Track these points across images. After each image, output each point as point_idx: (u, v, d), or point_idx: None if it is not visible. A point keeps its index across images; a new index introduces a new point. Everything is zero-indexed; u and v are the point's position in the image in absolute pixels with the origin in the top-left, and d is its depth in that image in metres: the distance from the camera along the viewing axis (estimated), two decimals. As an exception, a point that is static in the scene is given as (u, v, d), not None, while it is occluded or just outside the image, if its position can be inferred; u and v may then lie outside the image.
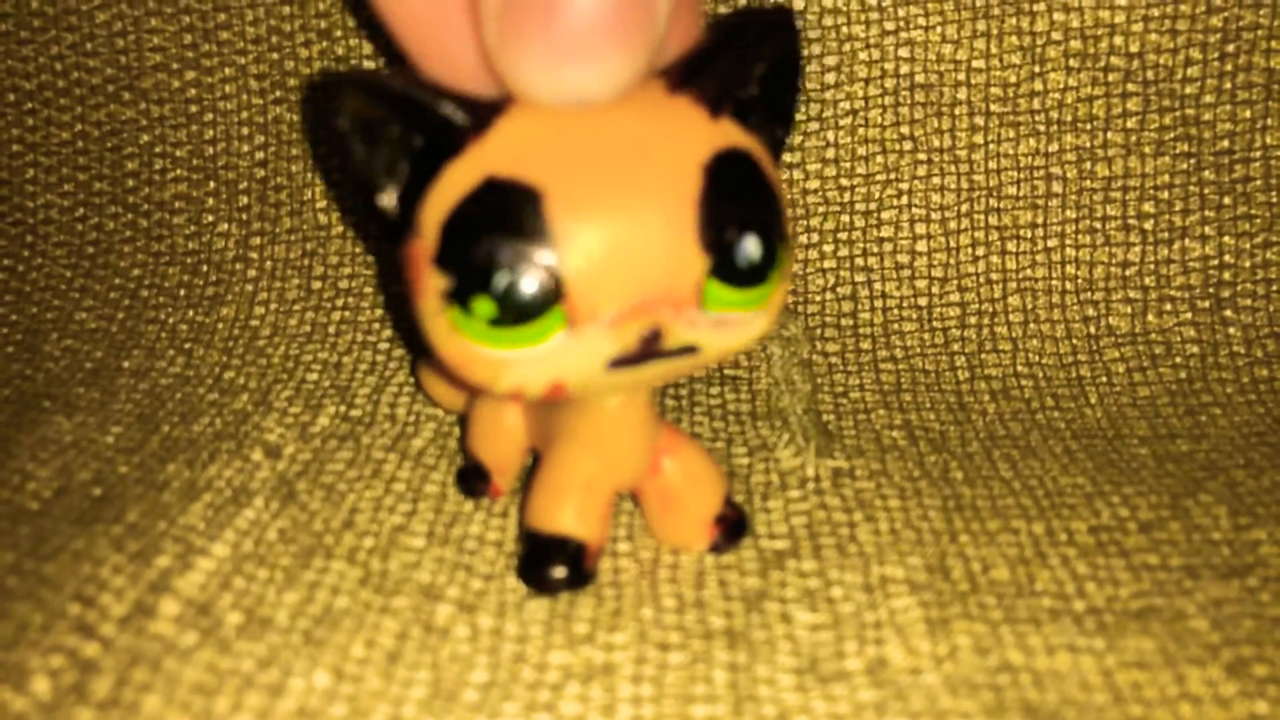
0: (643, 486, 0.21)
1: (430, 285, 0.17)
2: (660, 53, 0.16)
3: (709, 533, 0.21)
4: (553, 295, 0.16)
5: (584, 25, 0.15)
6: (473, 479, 0.23)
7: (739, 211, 0.17)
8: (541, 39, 0.15)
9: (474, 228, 0.16)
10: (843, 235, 0.29)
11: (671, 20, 0.16)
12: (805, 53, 0.17)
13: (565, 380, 0.17)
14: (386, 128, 0.17)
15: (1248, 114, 0.28)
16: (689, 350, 0.17)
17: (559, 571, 0.20)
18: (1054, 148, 0.29)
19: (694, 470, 0.21)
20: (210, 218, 0.30)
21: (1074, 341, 0.28)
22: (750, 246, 0.17)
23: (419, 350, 0.25)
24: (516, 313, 0.16)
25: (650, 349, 0.17)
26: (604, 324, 0.16)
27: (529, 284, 0.16)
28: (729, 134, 0.17)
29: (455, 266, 0.16)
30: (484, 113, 0.16)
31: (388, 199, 0.17)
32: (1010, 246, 0.29)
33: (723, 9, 0.28)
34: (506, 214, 0.16)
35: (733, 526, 0.21)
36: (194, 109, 0.30)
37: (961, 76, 0.29)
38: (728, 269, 0.17)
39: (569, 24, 0.15)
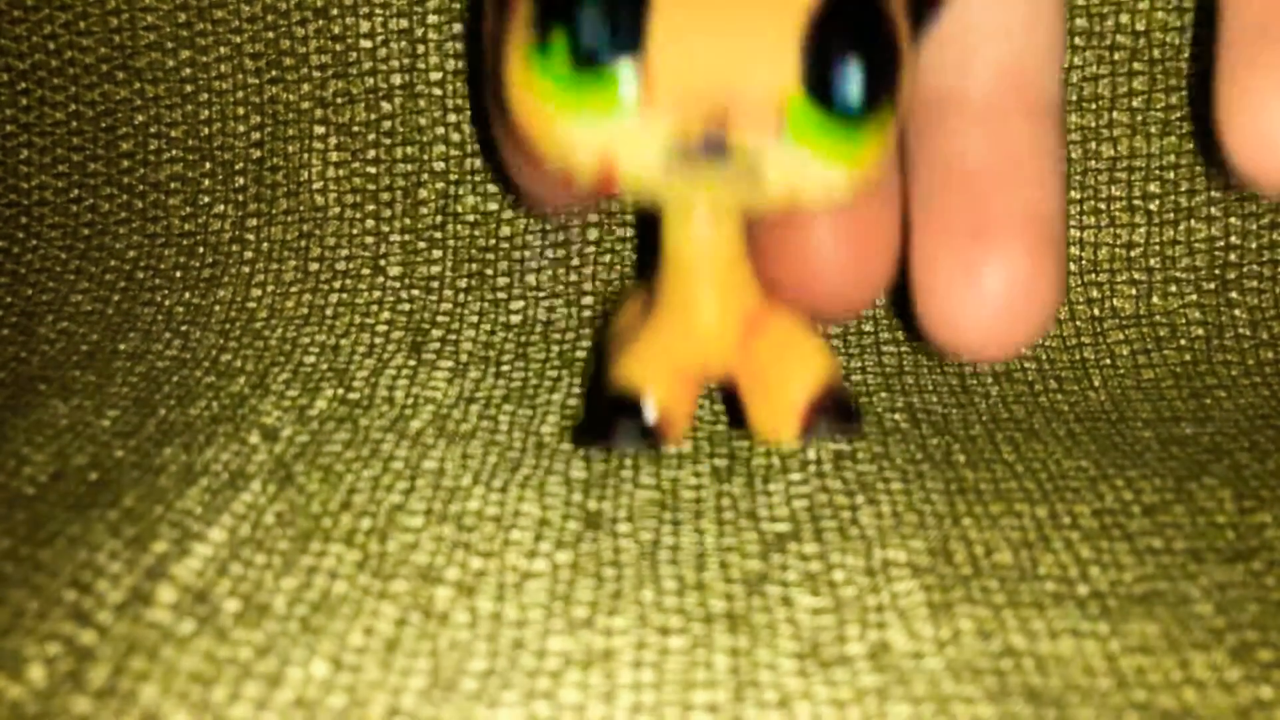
0: (736, 367, 0.20)
1: (520, 17, 0.16)
2: None
3: (801, 418, 0.19)
4: (631, 44, 0.15)
5: None
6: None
7: (854, 32, 0.16)
8: None
9: None
10: (845, 216, 0.29)
11: None
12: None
13: (618, 159, 0.16)
14: None
15: (1255, 92, 0.28)
16: (750, 175, 0.16)
17: (619, 425, 0.19)
18: (1059, 127, 0.28)
19: (785, 345, 0.19)
20: (206, 199, 0.30)
21: (1077, 323, 0.28)
22: (852, 76, 0.16)
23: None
24: (590, 54, 0.15)
25: (712, 147, 0.16)
26: (674, 104, 0.16)
27: (610, 25, 0.15)
28: None
29: None
30: None
31: None
32: (1014, 227, 0.29)
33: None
34: None
35: (831, 415, 0.19)
36: (189, 89, 0.30)
37: None
38: (823, 91, 0.16)
39: None
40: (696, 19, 0.15)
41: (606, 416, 0.19)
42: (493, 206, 0.29)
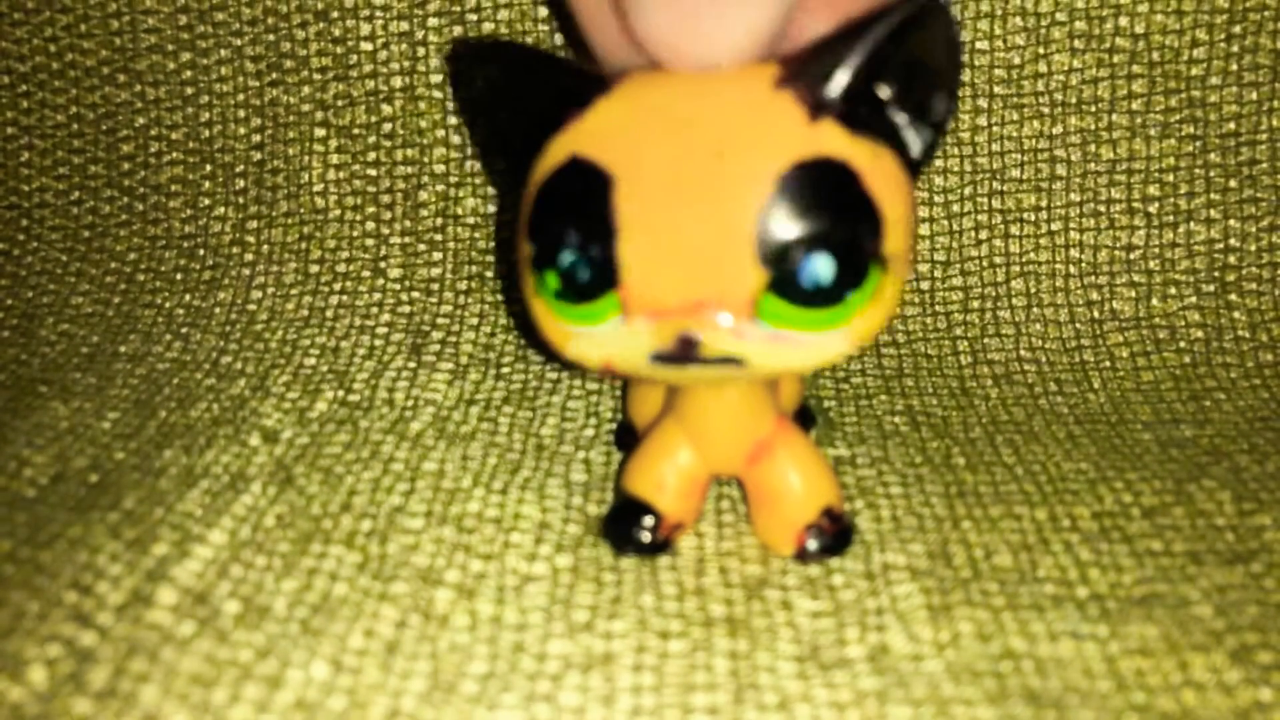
0: (744, 476, 0.21)
1: (522, 247, 0.18)
2: (785, 30, 0.16)
3: (796, 539, 0.20)
4: (609, 281, 0.16)
5: None
6: (624, 435, 0.24)
7: (811, 228, 0.16)
8: None
9: (553, 202, 0.17)
10: (844, 218, 0.29)
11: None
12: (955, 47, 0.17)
13: (614, 363, 0.17)
14: (513, 93, 0.18)
15: (1254, 96, 0.28)
16: (730, 361, 0.17)
17: (627, 533, 0.20)
18: (1058, 130, 0.28)
19: (794, 470, 0.20)
20: (206, 201, 0.30)
21: (1077, 326, 0.28)
22: (818, 266, 0.16)
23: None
24: (576, 291, 0.17)
25: (686, 352, 0.17)
26: (650, 319, 0.17)
27: (586, 267, 0.16)
28: (826, 140, 0.16)
29: (535, 236, 0.17)
30: (589, 89, 0.17)
31: (499, 162, 0.19)
32: (1014, 230, 0.29)
33: None
34: (580, 195, 0.17)
35: (826, 539, 0.20)
36: (189, 91, 0.30)
37: (965, 58, 0.28)
38: (788, 287, 0.16)
39: None
40: (661, 247, 0.16)
41: (616, 524, 0.21)
42: (492, 209, 0.29)
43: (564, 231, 0.17)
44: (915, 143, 0.17)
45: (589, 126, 0.17)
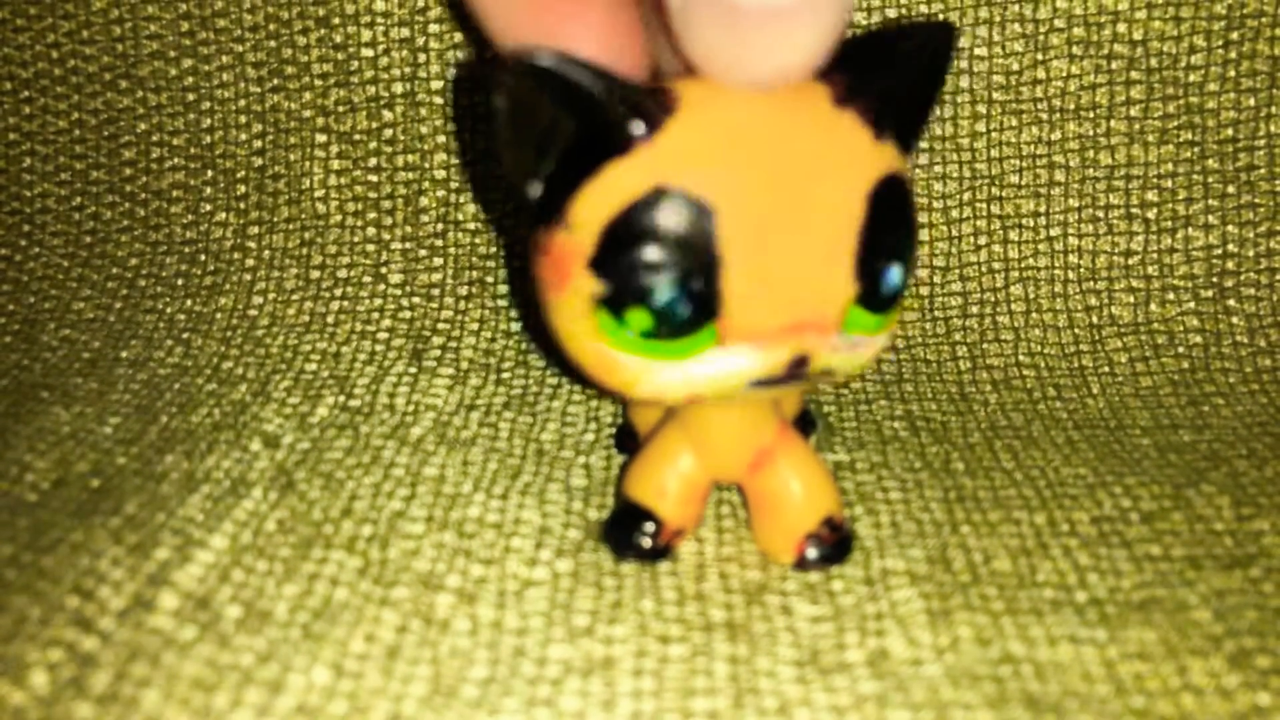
0: (745, 483, 0.21)
1: (579, 286, 0.16)
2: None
3: (796, 547, 0.20)
4: (710, 312, 0.16)
5: (774, 5, 0.15)
6: (625, 440, 0.24)
7: (894, 239, 0.17)
8: (729, 11, 0.15)
9: (639, 236, 0.16)
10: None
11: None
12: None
13: (704, 394, 0.17)
14: (547, 115, 0.16)
15: (1251, 102, 0.28)
16: (826, 374, 0.17)
17: (628, 538, 0.20)
18: (1057, 136, 0.28)
19: (795, 479, 0.20)
20: (208, 207, 0.30)
21: (1076, 331, 0.28)
22: (895, 274, 0.17)
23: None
24: (672, 328, 0.16)
25: (797, 372, 0.17)
26: (755, 345, 0.16)
27: (689, 301, 0.16)
28: (890, 156, 0.17)
29: (614, 274, 0.16)
30: (656, 111, 0.16)
31: (535, 188, 0.17)
32: (1013, 235, 0.29)
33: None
34: (675, 227, 0.16)
35: (826, 548, 0.20)
36: (191, 97, 0.30)
37: (964, 64, 0.28)
38: (872, 296, 0.17)
39: (760, 2, 0.15)
40: (765, 274, 0.16)
41: (616, 530, 0.21)
42: (494, 214, 0.29)
43: (661, 268, 0.16)
44: (909, 148, 0.18)
45: (668, 153, 0.16)
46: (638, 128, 0.16)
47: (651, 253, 0.16)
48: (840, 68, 0.16)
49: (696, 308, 0.16)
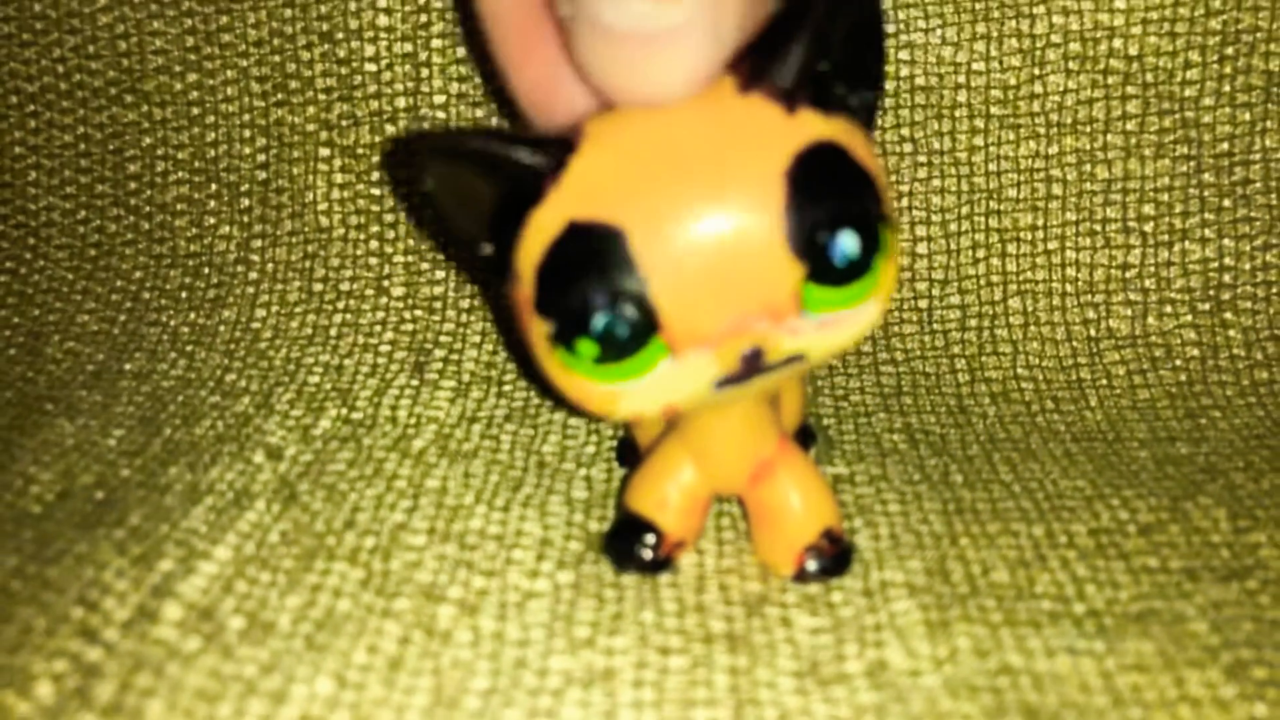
0: (745, 495, 0.21)
1: (536, 329, 0.17)
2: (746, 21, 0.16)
3: (796, 559, 0.20)
4: (650, 328, 0.16)
5: (646, 30, 0.15)
6: (626, 452, 0.24)
7: (830, 209, 0.16)
8: (605, 34, 0.16)
9: (564, 273, 0.16)
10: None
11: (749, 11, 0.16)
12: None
13: (676, 403, 0.17)
14: (472, 183, 0.17)
15: (1247, 116, 0.28)
16: (795, 359, 0.17)
17: (629, 550, 0.20)
18: (1054, 150, 0.29)
19: (795, 491, 0.20)
20: (212, 220, 0.30)
21: (1074, 344, 0.28)
22: (846, 242, 0.16)
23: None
24: (618, 350, 0.16)
25: (753, 366, 0.17)
26: (705, 347, 0.16)
27: (624, 322, 0.16)
28: (810, 127, 0.16)
29: (554, 312, 0.17)
30: (557, 153, 0.16)
31: (487, 248, 0.18)
32: (1010, 249, 0.29)
33: None
34: (593, 256, 0.16)
35: (825, 560, 0.20)
36: (196, 111, 0.30)
37: (962, 79, 0.29)
38: (825, 271, 0.16)
39: (631, 25, 0.15)
40: (694, 277, 0.16)
41: (617, 541, 0.21)
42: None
43: (588, 297, 0.16)
44: (861, 106, 0.17)
45: (573, 189, 0.16)
46: (543, 173, 0.16)
47: (577, 285, 0.16)
48: (747, 51, 0.16)
49: (634, 326, 0.16)
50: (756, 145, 0.16)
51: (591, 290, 0.16)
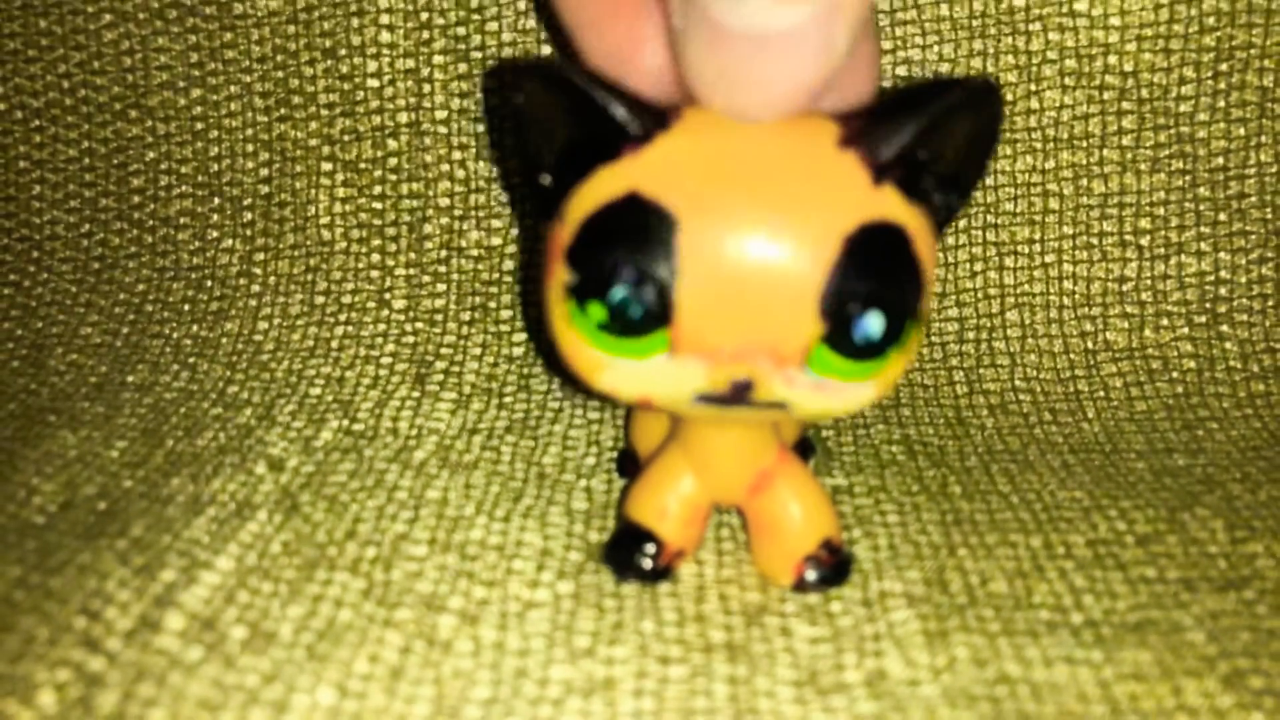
0: (745, 506, 0.21)
1: (557, 273, 0.17)
2: (830, 89, 0.16)
3: (795, 569, 0.20)
4: (661, 319, 0.16)
5: (761, 29, 0.15)
6: (626, 463, 0.24)
7: (869, 287, 0.16)
8: (718, 35, 0.16)
9: (606, 235, 0.17)
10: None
11: (849, 59, 0.16)
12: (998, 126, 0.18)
13: (653, 398, 0.17)
14: (558, 116, 0.17)
15: (1242, 131, 0.28)
16: (778, 405, 0.17)
17: (628, 560, 0.21)
18: (1050, 165, 0.29)
19: (795, 502, 0.20)
20: (214, 233, 0.31)
21: (1071, 356, 0.29)
22: (871, 323, 0.16)
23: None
24: (624, 325, 0.17)
25: (739, 396, 0.17)
26: (702, 360, 0.17)
27: (641, 304, 0.16)
28: (886, 204, 0.16)
29: (581, 265, 0.17)
30: (649, 124, 0.17)
31: (546, 179, 0.18)
32: (1008, 262, 0.29)
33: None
34: (639, 231, 0.16)
35: (824, 570, 0.20)
36: (199, 126, 0.30)
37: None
38: (841, 340, 0.16)
39: (747, 24, 0.15)
40: (721, 291, 0.16)
41: (617, 551, 0.21)
42: (496, 241, 0.30)
43: (619, 266, 0.16)
44: (942, 209, 0.18)
45: (650, 163, 0.16)
46: (629, 136, 0.17)
47: (613, 250, 0.16)
48: (861, 110, 0.17)
49: (648, 311, 0.16)
50: (831, 198, 0.16)
51: (623, 261, 0.16)
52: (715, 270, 0.16)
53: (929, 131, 0.16)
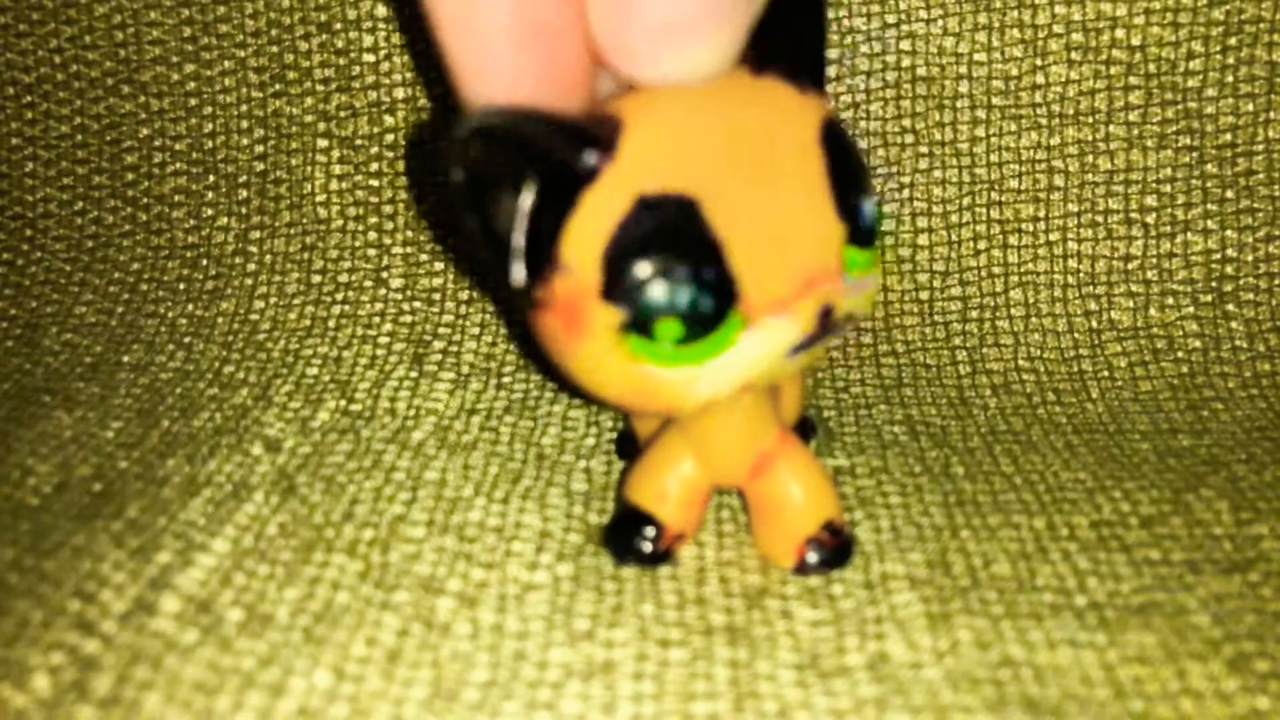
0: (745, 487, 0.21)
1: (598, 321, 0.16)
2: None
3: (796, 551, 0.20)
4: (730, 298, 0.16)
5: (664, 25, 0.16)
6: (625, 445, 0.24)
7: (856, 175, 0.17)
8: (630, 30, 0.16)
9: (640, 250, 0.16)
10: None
11: None
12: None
13: (754, 377, 0.17)
14: (504, 172, 0.16)
15: (1250, 107, 0.28)
16: (850, 319, 0.18)
17: (628, 542, 0.20)
18: (1056, 141, 0.29)
19: (795, 483, 0.20)
20: (209, 211, 0.30)
21: (1076, 336, 0.28)
22: (869, 207, 0.17)
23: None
24: (702, 325, 0.16)
25: (827, 324, 0.17)
26: (781, 312, 0.17)
27: (709, 294, 0.16)
28: (820, 104, 0.17)
29: (630, 295, 0.16)
30: (606, 134, 0.16)
31: (519, 272, 0.16)
32: (1012, 240, 0.29)
33: None
34: (669, 229, 0.16)
35: (826, 552, 0.20)
36: (193, 102, 0.30)
37: (963, 69, 0.28)
38: (858, 232, 0.17)
39: (648, 22, 0.16)
40: (765, 244, 0.16)
41: (617, 534, 0.21)
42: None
43: (670, 272, 0.16)
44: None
45: (635, 164, 0.16)
46: (596, 155, 0.16)
47: (658, 260, 0.16)
48: (754, 39, 0.17)
49: (717, 296, 0.16)
50: (791, 119, 0.17)
51: (673, 265, 0.16)
52: (753, 226, 0.16)
53: (809, 31, 0.18)
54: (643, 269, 0.16)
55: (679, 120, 0.16)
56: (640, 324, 0.16)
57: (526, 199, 0.16)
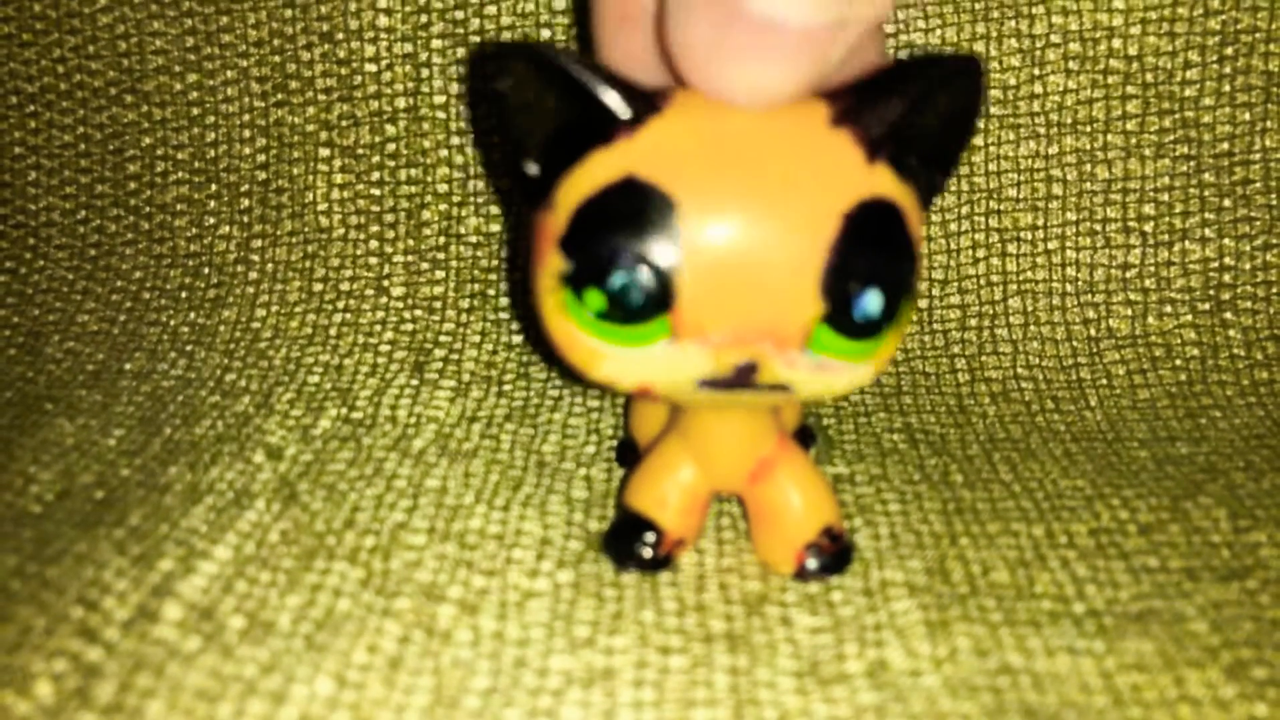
0: (745, 494, 0.21)
1: (550, 262, 0.17)
2: (833, 73, 0.16)
3: (796, 557, 0.20)
4: (662, 305, 0.16)
5: (781, 19, 0.15)
6: (625, 452, 0.24)
7: (868, 265, 0.16)
8: (730, 15, 0.16)
9: (603, 221, 0.16)
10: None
11: (854, 43, 0.16)
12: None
13: (654, 386, 0.17)
14: (545, 99, 0.17)
15: (1247, 116, 0.28)
16: (781, 388, 0.17)
17: (628, 549, 0.20)
18: (1054, 150, 0.29)
19: (795, 489, 0.20)
20: (212, 220, 0.30)
21: (1074, 344, 0.28)
22: (871, 301, 0.16)
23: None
24: (624, 313, 0.16)
25: (743, 379, 0.17)
26: (705, 344, 0.16)
27: (642, 289, 0.16)
28: (880, 181, 0.17)
29: (577, 253, 0.17)
30: (641, 108, 0.16)
31: (532, 167, 0.17)
32: (1010, 248, 0.29)
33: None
34: (637, 215, 0.16)
35: (825, 559, 0.20)
36: (196, 112, 0.30)
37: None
38: (842, 319, 0.16)
39: (767, 10, 0.15)
40: (723, 274, 0.16)
41: (617, 540, 0.21)
42: (495, 228, 0.30)
43: (618, 252, 0.16)
44: (927, 186, 0.18)
45: (644, 146, 0.16)
46: (621, 119, 0.16)
47: (612, 236, 0.16)
48: (849, 88, 0.17)
49: (649, 297, 0.16)
50: (828, 177, 0.16)
51: (623, 246, 0.16)
52: (717, 253, 0.16)
53: (916, 107, 0.16)
54: (595, 237, 0.16)
55: (712, 127, 0.16)
56: (575, 282, 0.17)
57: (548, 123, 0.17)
